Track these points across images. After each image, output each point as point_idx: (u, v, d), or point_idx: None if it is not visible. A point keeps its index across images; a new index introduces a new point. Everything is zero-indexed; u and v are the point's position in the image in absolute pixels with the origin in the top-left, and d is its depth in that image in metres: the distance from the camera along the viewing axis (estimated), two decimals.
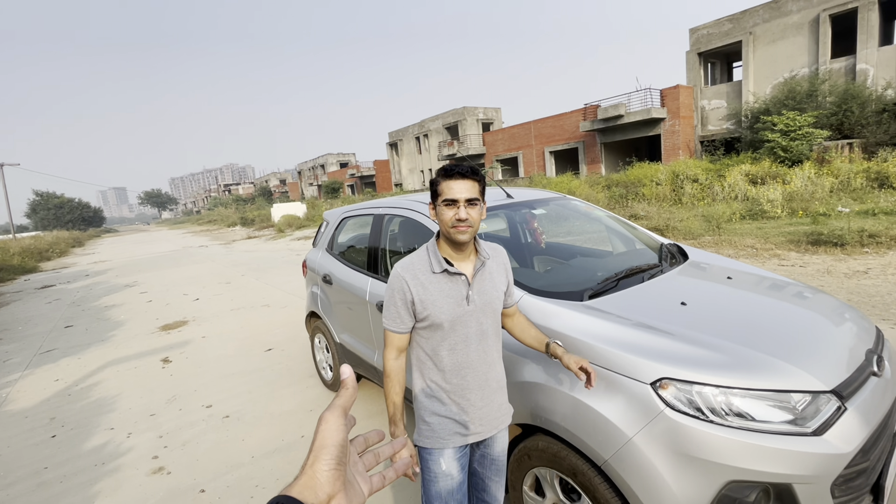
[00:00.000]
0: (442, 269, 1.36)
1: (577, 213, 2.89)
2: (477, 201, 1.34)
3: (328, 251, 3.49)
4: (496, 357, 1.48)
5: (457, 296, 1.38)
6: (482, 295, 1.41)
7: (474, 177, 1.34)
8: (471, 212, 1.32)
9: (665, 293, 1.90)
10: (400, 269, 1.40)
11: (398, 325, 1.40)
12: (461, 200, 1.31)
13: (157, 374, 4.48)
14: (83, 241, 35.93)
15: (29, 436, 3.43)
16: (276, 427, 3.18)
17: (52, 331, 6.84)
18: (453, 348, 1.39)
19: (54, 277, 13.98)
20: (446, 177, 1.34)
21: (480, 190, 1.36)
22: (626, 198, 14.27)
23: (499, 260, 1.52)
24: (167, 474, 2.73)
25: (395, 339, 1.41)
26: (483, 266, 1.43)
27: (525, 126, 26.18)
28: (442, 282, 1.37)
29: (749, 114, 17.46)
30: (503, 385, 1.51)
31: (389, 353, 1.43)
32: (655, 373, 1.39)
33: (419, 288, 1.36)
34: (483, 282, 1.42)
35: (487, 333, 1.43)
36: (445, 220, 1.33)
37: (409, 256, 1.44)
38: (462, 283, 1.39)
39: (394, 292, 1.39)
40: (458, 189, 1.31)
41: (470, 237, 1.34)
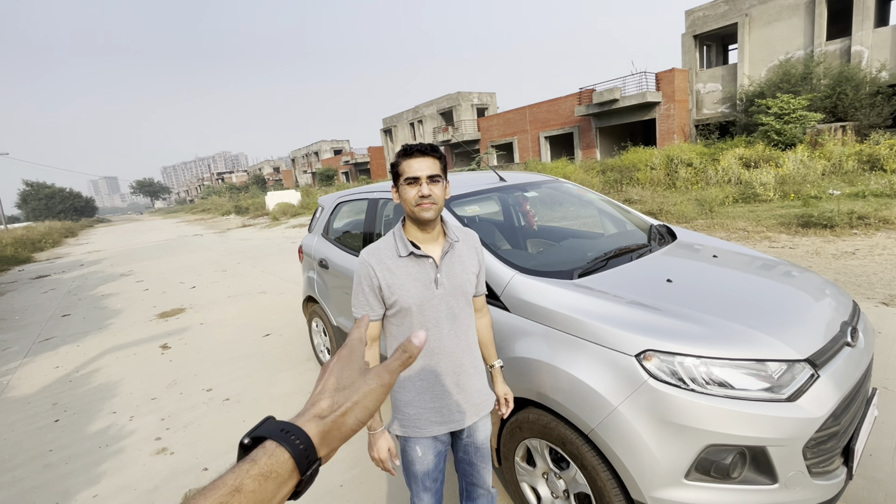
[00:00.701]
0: (408, 251, 1.34)
1: (569, 196, 2.93)
2: (439, 178, 1.33)
3: (324, 236, 3.52)
4: (471, 341, 1.46)
5: (424, 279, 1.36)
6: (451, 278, 1.39)
7: (434, 154, 1.33)
8: (433, 188, 1.31)
9: (652, 271, 1.96)
10: (366, 254, 1.38)
11: (368, 312, 1.37)
12: (423, 177, 1.30)
13: (156, 360, 4.54)
14: (76, 231, 35.64)
15: (32, 420, 3.49)
16: (276, 408, 3.25)
17: (50, 319, 6.86)
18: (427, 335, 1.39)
19: (49, 268, 13.93)
20: (406, 156, 1.32)
21: (442, 167, 1.35)
22: (621, 182, 14.32)
23: (470, 243, 1.49)
24: (170, 454, 2.80)
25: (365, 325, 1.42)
26: (452, 248, 1.41)
27: (520, 111, 26.02)
28: (409, 265, 1.36)
29: (744, 97, 17.44)
30: (481, 370, 1.49)
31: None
32: (640, 345, 1.45)
33: (385, 273, 1.34)
34: (452, 264, 1.40)
35: (459, 317, 1.41)
36: (409, 199, 1.32)
37: (376, 242, 1.43)
38: (430, 266, 1.37)
39: (361, 279, 1.37)
40: (419, 166, 1.30)
41: (435, 214, 1.33)
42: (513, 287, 1.83)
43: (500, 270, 1.90)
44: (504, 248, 2.37)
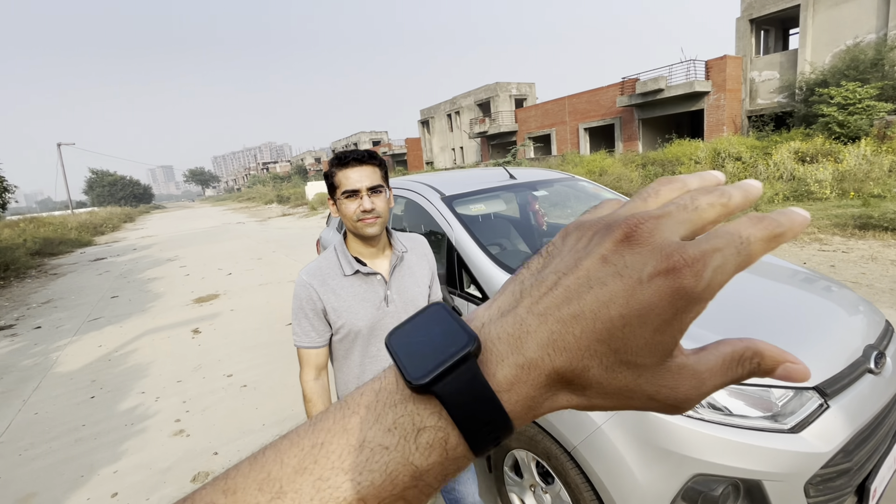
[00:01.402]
0: (353, 270, 1.23)
1: (585, 195, 2.81)
2: (381, 188, 1.21)
3: (338, 230, 3.56)
4: None
5: (374, 298, 1.26)
6: (402, 293, 1.29)
7: (372, 161, 1.22)
8: (376, 200, 1.20)
9: None
10: (306, 275, 1.26)
11: (313, 340, 1.26)
12: (362, 189, 1.18)
13: (187, 344, 4.78)
14: (134, 216, 38.16)
15: (72, 396, 3.77)
16: (288, 398, 3.34)
17: (100, 300, 7.38)
18: (376, 356, 1.28)
19: (106, 251, 14.99)
20: (340, 165, 1.20)
21: (383, 175, 1.24)
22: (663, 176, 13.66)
23: (419, 251, 1.38)
24: (186, 437, 2.94)
25: (312, 355, 1.28)
26: (401, 261, 1.31)
27: (559, 102, 25.32)
28: (355, 285, 1.25)
29: (804, 86, 16.14)
30: None
31: (307, 373, 1.28)
32: None
33: (330, 295, 1.23)
34: (402, 279, 1.30)
35: None
36: (349, 215, 1.20)
37: (316, 260, 1.32)
38: (378, 284, 1.27)
39: (301, 303, 1.25)
40: (357, 177, 1.19)
41: (380, 229, 1.22)
42: None
43: (495, 276, 1.84)
44: (507, 252, 2.29)
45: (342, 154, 1.23)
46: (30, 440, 3.11)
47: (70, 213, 31.30)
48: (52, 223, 21.47)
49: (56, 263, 12.87)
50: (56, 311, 7.00)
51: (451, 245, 2.05)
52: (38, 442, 3.07)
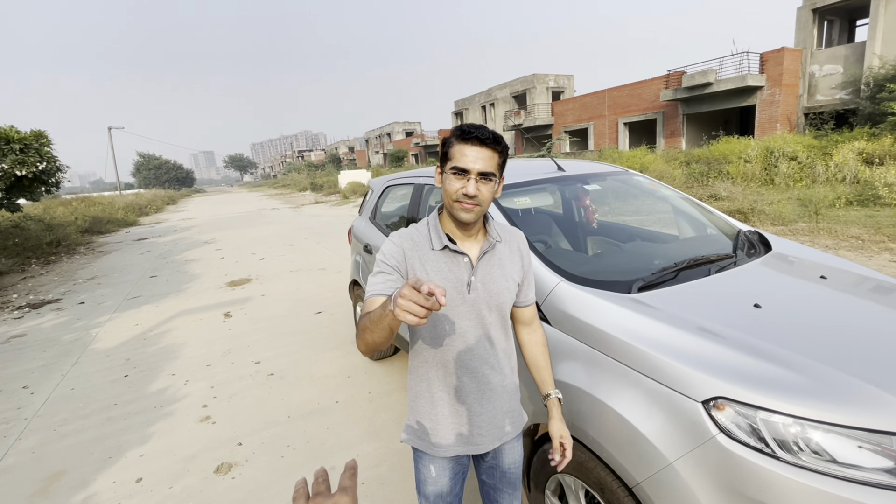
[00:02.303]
0: (442, 245, 1.15)
1: (640, 191, 2.55)
2: (493, 177, 1.10)
3: (371, 220, 3.44)
4: (504, 359, 1.24)
5: (455, 280, 1.16)
6: (487, 283, 1.18)
7: (495, 146, 1.09)
8: (482, 188, 1.09)
9: (735, 291, 1.59)
10: (397, 237, 1.20)
11: (388, 288, 1.11)
12: (473, 172, 1.07)
13: (218, 327, 4.80)
14: (176, 199, 39.73)
15: (107, 373, 3.83)
16: (315, 390, 3.26)
17: (140, 279, 7.60)
18: (447, 343, 1.18)
19: (149, 231, 15.58)
20: (462, 139, 1.09)
21: (500, 163, 1.12)
22: (708, 175, 12.94)
23: (513, 245, 1.26)
24: (212, 424, 2.90)
25: (377, 301, 1.11)
26: (492, 249, 1.20)
27: (598, 95, 24.45)
28: (441, 260, 1.16)
29: (871, 81, 14.90)
30: (512, 390, 1.27)
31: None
32: (709, 389, 1.14)
33: (416, 261, 1.16)
34: (490, 267, 1.19)
35: (490, 330, 1.20)
36: (450, 192, 1.11)
37: (407, 228, 1.24)
38: (464, 266, 1.17)
39: (387, 257, 1.16)
40: (473, 157, 1.07)
41: (475, 217, 1.12)
42: (556, 297, 1.57)
43: (543, 276, 1.64)
44: (553, 249, 2.09)
45: (467, 127, 1.09)
46: (64, 415, 3.16)
47: (118, 194, 32.86)
48: (102, 203, 22.56)
49: (103, 241, 13.47)
50: (99, 287, 7.26)
51: None
52: (72, 418, 3.11)
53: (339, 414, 2.92)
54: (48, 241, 11.26)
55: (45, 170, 9.68)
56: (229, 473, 2.40)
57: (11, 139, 9.16)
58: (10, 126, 9.41)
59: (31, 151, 9.35)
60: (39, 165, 9.47)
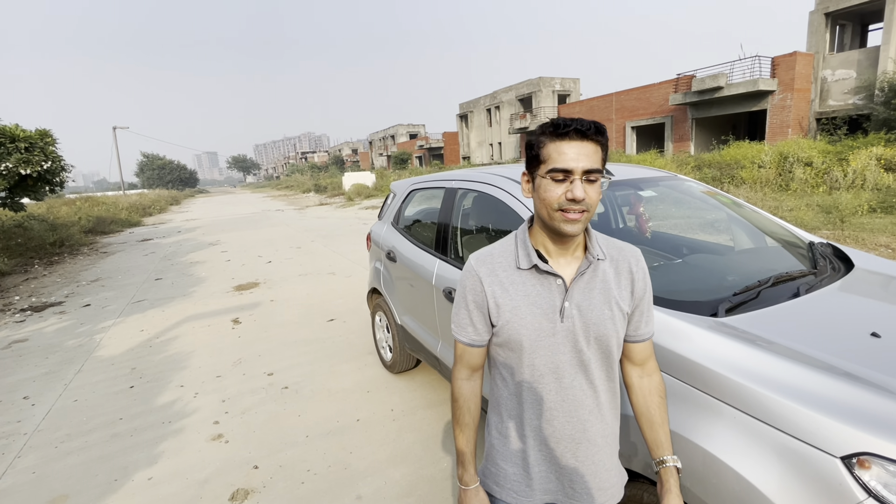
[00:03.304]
0: (531, 264, 0.99)
1: (691, 198, 2.35)
2: (599, 175, 0.92)
3: (394, 225, 3.24)
4: (605, 402, 1.04)
5: (546, 305, 0.99)
6: (585, 311, 0.99)
7: (598, 138, 0.92)
8: (589, 190, 0.91)
9: (839, 315, 1.39)
10: (474, 261, 1.05)
11: (469, 335, 1.05)
12: (577, 172, 0.89)
13: (227, 335, 4.61)
14: (179, 199, 39.65)
15: (112, 384, 3.64)
16: (333, 406, 3.06)
17: (145, 282, 7.42)
18: (536, 379, 1.01)
19: (153, 232, 15.44)
20: (556, 135, 0.91)
21: (603, 158, 0.94)
22: (720, 180, 12.75)
23: (622, 265, 1.04)
24: (225, 443, 2.70)
25: (467, 353, 1.07)
26: (593, 269, 1.01)
27: (606, 98, 24.28)
28: (528, 283, 1.00)
29: (886, 86, 14.68)
30: (613, 442, 1.08)
31: (459, 370, 1.09)
32: (850, 443, 0.94)
33: (497, 287, 1.01)
34: (590, 291, 1.00)
35: (589, 367, 1.01)
36: (550, 200, 0.92)
37: (490, 246, 1.08)
38: (556, 289, 0.99)
39: (465, 291, 1.05)
40: (574, 154, 0.89)
41: (581, 229, 0.94)
42: None
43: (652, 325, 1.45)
44: None
45: (561, 121, 0.92)
46: (67, 430, 2.97)
47: (122, 193, 32.78)
48: (106, 203, 22.45)
49: (107, 242, 13.32)
50: (103, 290, 7.08)
51: None
52: (75, 434, 2.92)
53: (360, 434, 2.72)
54: (52, 242, 11.10)
55: (49, 169, 9.54)
56: (246, 502, 2.21)
57: (16, 138, 9.01)
58: (16, 125, 9.27)
59: (36, 150, 9.20)
60: (44, 165, 9.32)
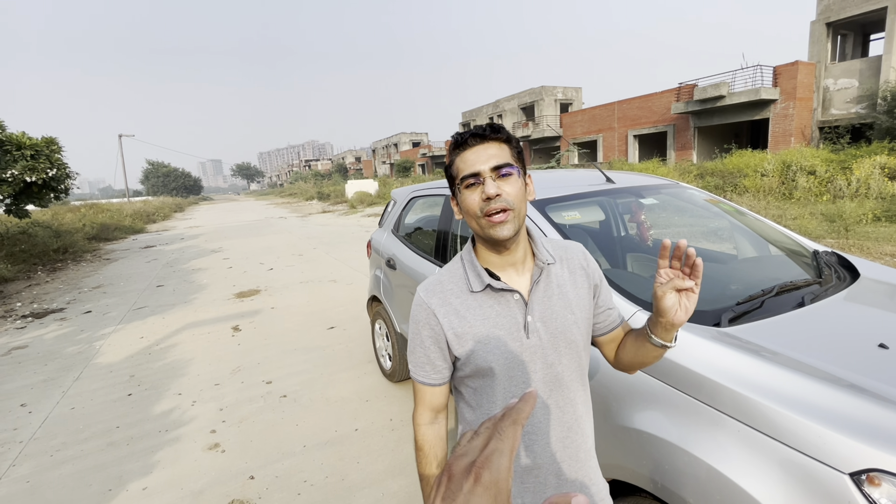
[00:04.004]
0: (484, 284, 0.93)
1: (693, 206, 2.33)
2: (511, 169, 0.88)
3: (394, 233, 3.23)
4: (582, 414, 1.01)
5: (508, 324, 0.94)
6: (549, 321, 0.95)
7: (496, 136, 0.90)
8: (504, 185, 0.87)
9: (845, 326, 1.36)
10: (424, 292, 0.98)
11: (429, 374, 0.98)
12: (485, 172, 0.87)
13: (226, 342, 4.59)
14: (183, 206, 39.86)
15: (110, 391, 3.61)
16: (331, 415, 3.03)
17: (146, 289, 7.43)
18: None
19: (156, 239, 15.49)
20: (458, 147, 0.91)
21: (514, 154, 0.91)
22: (723, 189, 12.72)
23: (573, 264, 1.01)
24: (221, 452, 2.67)
25: (428, 394, 0.99)
26: (546, 275, 0.97)
27: (608, 107, 24.37)
28: (485, 305, 0.94)
29: (889, 95, 14.68)
30: (593, 454, 1.05)
31: (421, 414, 1.00)
32: (859, 459, 0.91)
33: (452, 317, 0.94)
34: (549, 299, 0.96)
35: (563, 379, 0.96)
36: (471, 209, 0.90)
37: (438, 273, 1.02)
38: (516, 305, 0.94)
39: (419, 326, 0.98)
40: (476, 157, 0.88)
41: (513, 229, 0.89)
42: None
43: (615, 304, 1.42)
44: (616, 272, 1.86)
45: (459, 135, 0.91)
46: (63, 439, 2.94)
47: (126, 200, 32.99)
48: (110, 210, 22.60)
49: (110, 248, 13.37)
50: (105, 296, 7.09)
51: None
52: (71, 442, 2.89)
53: (359, 444, 2.68)
54: (55, 248, 11.16)
55: (54, 176, 9.61)
56: None
57: (23, 145, 9.10)
58: (22, 132, 9.36)
59: (42, 158, 9.28)
60: (49, 172, 9.40)
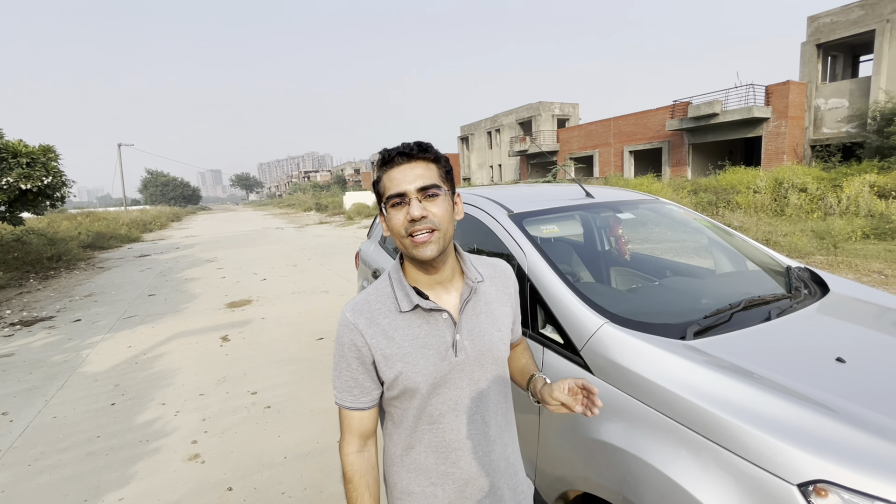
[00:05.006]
0: (412, 305, 0.93)
1: (672, 221, 2.37)
2: (437, 190, 0.89)
3: (381, 244, 3.26)
4: (504, 426, 1.03)
5: (438, 344, 0.94)
6: (476, 339, 0.96)
7: (425, 155, 0.90)
8: (430, 207, 0.88)
9: (807, 340, 1.39)
10: (350, 312, 0.96)
11: (357, 398, 0.95)
12: (410, 192, 0.87)
13: (214, 352, 4.57)
14: (181, 216, 39.88)
15: (93, 401, 3.59)
16: (314, 426, 3.01)
17: (138, 298, 7.40)
18: (436, 421, 0.95)
19: (151, 248, 15.47)
20: (385, 164, 0.91)
21: (441, 174, 0.92)
22: (717, 205, 12.84)
23: (499, 282, 1.05)
24: (201, 463, 2.65)
25: (356, 419, 0.96)
26: (475, 294, 0.98)
27: (604, 123, 24.70)
28: (414, 325, 0.94)
29: (878, 115, 14.95)
30: (516, 462, 1.06)
31: (349, 443, 0.96)
32: (807, 470, 0.93)
33: (381, 338, 0.93)
34: (477, 317, 0.97)
35: (488, 396, 0.98)
36: (396, 228, 0.90)
37: (364, 292, 1.00)
38: (444, 324, 0.94)
39: (344, 348, 0.95)
40: (402, 177, 0.88)
41: (438, 249, 0.89)
42: (600, 342, 1.37)
43: (581, 316, 1.45)
44: (587, 284, 1.89)
45: (385, 151, 0.91)
46: (42, 448, 2.91)
47: (123, 209, 33.00)
48: (106, 218, 22.59)
49: (104, 257, 13.34)
50: (96, 305, 7.06)
51: (521, 273, 1.68)
52: (50, 452, 2.86)
53: (339, 456, 2.66)
54: (49, 256, 11.13)
55: (50, 184, 9.63)
56: None
57: (19, 153, 9.14)
58: (19, 140, 9.41)
59: (38, 166, 9.32)
60: (45, 180, 9.42)
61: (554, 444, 1.45)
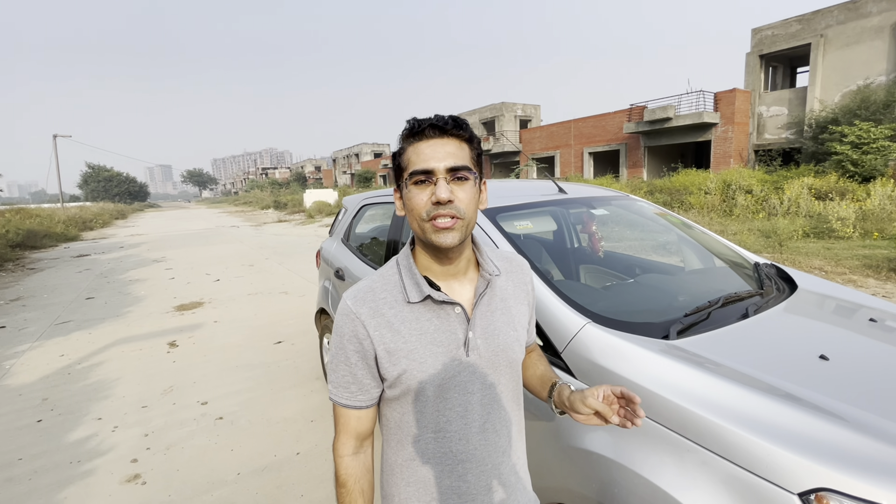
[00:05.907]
0: (422, 295, 0.83)
1: (643, 217, 2.35)
2: (468, 173, 0.79)
3: (344, 242, 3.08)
4: (515, 435, 0.93)
5: (447, 340, 0.83)
6: (491, 338, 0.86)
7: (460, 132, 0.79)
8: (458, 191, 0.78)
9: (789, 338, 1.36)
10: (351, 300, 0.84)
11: (354, 396, 0.85)
12: (439, 171, 0.77)
13: (160, 359, 4.22)
14: (126, 213, 37.41)
15: (16, 417, 3.20)
16: (271, 437, 2.80)
17: (74, 301, 6.78)
18: (442, 430, 0.84)
19: (91, 247, 14.35)
20: (414, 136, 0.79)
21: (473, 156, 0.82)
22: (671, 205, 13.39)
23: (517, 278, 0.95)
24: (141, 485, 2.39)
25: (353, 419, 0.86)
26: (490, 288, 0.88)
27: (565, 125, 25.27)
28: (422, 318, 0.83)
29: (814, 123, 16.09)
30: (525, 476, 0.96)
31: (344, 444, 0.86)
32: (809, 478, 0.87)
33: (385, 330, 0.82)
34: (492, 314, 0.87)
35: (500, 402, 0.88)
36: (417, 209, 0.79)
37: (368, 279, 0.89)
38: (457, 319, 0.84)
39: (343, 340, 0.84)
40: (433, 153, 0.77)
41: (460, 238, 0.79)
42: (582, 343, 1.28)
43: (562, 315, 1.36)
44: (566, 283, 1.82)
45: (416, 122, 0.80)
46: None
47: (60, 206, 30.54)
48: (40, 215, 20.79)
49: (36, 257, 12.23)
50: (24, 310, 6.40)
51: None
52: None
53: (299, 469, 2.47)
54: None
55: None
56: None
57: None
58: None
59: None
60: None
61: (534, 454, 1.36)
